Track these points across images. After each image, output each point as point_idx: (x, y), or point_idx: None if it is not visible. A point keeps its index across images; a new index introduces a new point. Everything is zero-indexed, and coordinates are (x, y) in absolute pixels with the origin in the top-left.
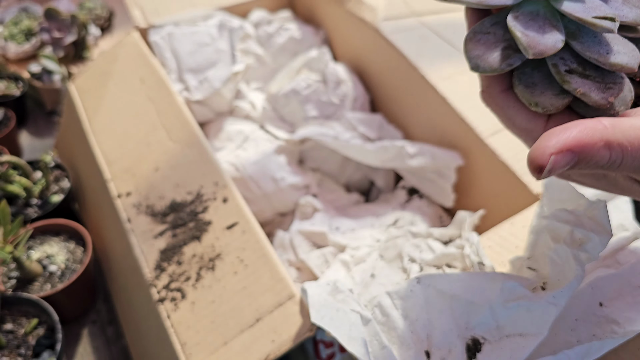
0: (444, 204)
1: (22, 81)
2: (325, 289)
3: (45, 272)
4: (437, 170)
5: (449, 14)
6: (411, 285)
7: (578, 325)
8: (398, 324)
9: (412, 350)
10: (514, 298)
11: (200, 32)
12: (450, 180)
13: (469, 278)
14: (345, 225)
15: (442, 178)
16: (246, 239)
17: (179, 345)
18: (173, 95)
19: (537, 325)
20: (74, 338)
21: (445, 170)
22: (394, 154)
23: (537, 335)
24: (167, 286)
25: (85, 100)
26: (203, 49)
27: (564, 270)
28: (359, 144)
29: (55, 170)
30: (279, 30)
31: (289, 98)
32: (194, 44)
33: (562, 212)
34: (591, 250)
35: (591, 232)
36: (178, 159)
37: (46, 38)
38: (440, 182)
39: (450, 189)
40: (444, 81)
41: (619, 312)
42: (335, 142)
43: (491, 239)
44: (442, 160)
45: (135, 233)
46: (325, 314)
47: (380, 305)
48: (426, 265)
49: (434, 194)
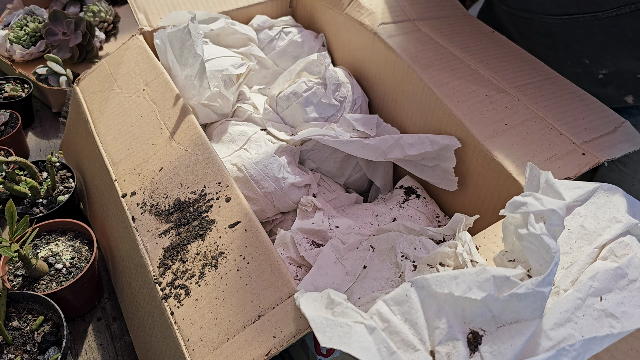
0: (448, 188)
1: (28, 83)
2: (320, 303)
3: (51, 270)
4: (437, 156)
5: (445, 18)
6: (405, 290)
7: (579, 319)
8: (400, 328)
9: (419, 352)
10: (505, 289)
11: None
12: (451, 163)
13: (461, 275)
14: (344, 224)
15: (443, 162)
16: (248, 237)
17: (183, 341)
18: (177, 97)
19: (531, 311)
20: (79, 335)
21: (445, 154)
22: (393, 145)
23: (533, 320)
24: (171, 283)
25: (90, 101)
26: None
27: (540, 254)
28: (359, 140)
29: (61, 170)
30: (280, 34)
31: (289, 100)
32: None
33: (514, 202)
34: (555, 221)
35: (547, 207)
36: (182, 159)
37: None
38: (442, 167)
39: (453, 172)
40: (441, 84)
41: (617, 307)
42: (335, 141)
43: (487, 238)
44: (440, 145)
45: (140, 232)
46: (332, 334)
47: (379, 313)
48: (420, 263)
49: (437, 180)
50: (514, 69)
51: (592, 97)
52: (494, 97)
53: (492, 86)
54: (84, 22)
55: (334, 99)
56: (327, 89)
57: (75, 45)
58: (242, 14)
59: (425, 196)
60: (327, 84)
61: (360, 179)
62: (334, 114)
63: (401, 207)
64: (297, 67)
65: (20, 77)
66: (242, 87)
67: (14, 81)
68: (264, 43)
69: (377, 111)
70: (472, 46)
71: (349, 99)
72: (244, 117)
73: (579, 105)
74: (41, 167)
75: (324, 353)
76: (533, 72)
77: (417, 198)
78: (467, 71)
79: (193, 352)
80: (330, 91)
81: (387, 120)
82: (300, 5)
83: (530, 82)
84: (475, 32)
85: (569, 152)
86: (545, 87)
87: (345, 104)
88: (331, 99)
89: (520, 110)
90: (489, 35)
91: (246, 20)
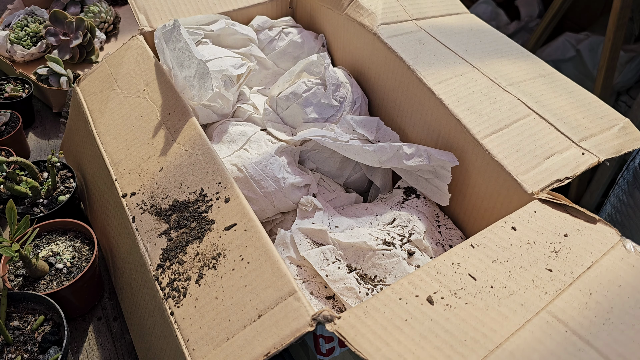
0: (440, 203)
1: (29, 83)
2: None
3: (52, 270)
4: (433, 170)
5: (445, 17)
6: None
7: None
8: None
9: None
10: None
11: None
12: (446, 180)
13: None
14: (344, 224)
15: (438, 178)
16: (248, 237)
17: (183, 341)
18: (177, 98)
19: None
20: (79, 334)
21: (441, 170)
22: (391, 155)
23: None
24: (171, 283)
25: (91, 102)
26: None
27: None
28: (358, 145)
29: (61, 170)
30: (280, 35)
31: (289, 101)
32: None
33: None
34: None
35: None
36: (182, 159)
37: (52, 41)
38: (436, 182)
39: (446, 188)
40: (440, 84)
41: None
42: (334, 143)
43: (486, 237)
44: (438, 161)
45: (140, 232)
46: None
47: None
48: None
49: (431, 193)
50: (513, 68)
51: (592, 96)
52: (493, 97)
53: (491, 86)
54: (84, 23)
55: (334, 100)
56: (326, 89)
57: (75, 45)
58: (242, 14)
59: (424, 196)
60: (327, 84)
61: (360, 179)
62: (333, 114)
63: (401, 207)
64: (297, 67)
65: (21, 78)
66: (242, 88)
67: (15, 81)
68: (264, 43)
69: (376, 111)
70: (472, 45)
71: (349, 99)
72: (244, 118)
73: (579, 103)
74: (42, 167)
75: (324, 353)
76: (533, 71)
77: (417, 198)
78: (467, 70)
79: (193, 352)
80: (330, 91)
81: (386, 120)
82: (300, 5)
83: (530, 81)
84: (476, 32)
85: (568, 152)
86: (545, 85)
87: (345, 104)
88: (331, 99)
89: (520, 109)
90: (489, 34)
91: (246, 20)
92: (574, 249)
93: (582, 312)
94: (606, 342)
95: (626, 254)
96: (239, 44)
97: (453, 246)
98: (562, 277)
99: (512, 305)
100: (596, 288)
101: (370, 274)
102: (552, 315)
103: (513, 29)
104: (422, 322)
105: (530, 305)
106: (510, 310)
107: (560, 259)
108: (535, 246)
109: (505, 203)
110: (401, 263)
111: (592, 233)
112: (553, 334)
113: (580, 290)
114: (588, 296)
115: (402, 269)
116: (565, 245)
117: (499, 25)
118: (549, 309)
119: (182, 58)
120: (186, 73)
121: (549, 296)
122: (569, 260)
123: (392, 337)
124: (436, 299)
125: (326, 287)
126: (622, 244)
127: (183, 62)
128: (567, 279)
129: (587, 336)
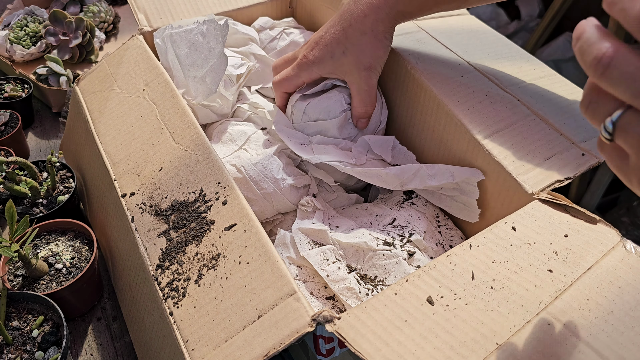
0: (469, 220)
1: (28, 83)
2: None
3: (51, 270)
4: (457, 187)
5: (447, 18)
6: None
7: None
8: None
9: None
10: None
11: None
12: (474, 196)
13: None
14: (344, 225)
15: (464, 194)
16: (247, 238)
17: (182, 341)
18: (177, 98)
19: None
20: (79, 334)
21: (467, 186)
22: (413, 176)
23: None
24: (171, 284)
25: (90, 102)
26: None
27: None
28: (377, 169)
29: (61, 170)
30: (281, 34)
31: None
32: (192, 45)
33: None
34: None
35: None
36: (182, 159)
37: (52, 41)
38: (462, 199)
39: (475, 204)
40: (441, 83)
41: None
42: (354, 169)
43: (487, 238)
44: (462, 177)
45: (140, 232)
46: None
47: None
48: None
49: (457, 211)
50: (514, 68)
51: None
52: (494, 97)
53: (492, 86)
54: (84, 23)
55: None
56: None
57: (75, 45)
58: (242, 14)
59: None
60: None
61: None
62: (357, 134)
63: (401, 207)
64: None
65: (21, 77)
66: (242, 88)
67: (14, 81)
68: (265, 43)
69: None
70: (472, 46)
71: (374, 120)
72: (243, 118)
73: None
74: (41, 167)
75: (324, 353)
76: (533, 72)
77: (417, 198)
78: (467, 71)
79: (192, 352)
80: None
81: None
82: (300, 5)
83: (530, 81)
84: (476, 32)
85: (568, 152)
86: (545, 86)
87: (370, 124)
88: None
89: (520, 109)
90: (490, 34)
91: (246, 20)
92: (574, 250)
93: (582, 313)
94: (606, 344)
95: (626, 255)
96: (240, 44)
97: (453, 246)
98: (563, 277)
99: (512, 305)
100: (596, 289)
101: (370, 274)
102: (552, 316)
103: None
104: (422, 323)
105: (530, 306)
106: (510, 311)
107: (560, 260)
108: (535, 246)
109: (505, 203)
110: (401, 263)
111: (593, 233)
112: (553, 335)
113: (581, 291)
114: (588, 297)
115: (402, 269)
116: (565, 245)
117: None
118: (549, 309)
119: (194, 57)
120: (194, 73)
121: (549, 297)
122: (569, 261)
123: (392, 338)
124: (436, 299)
125: (326, 288)
126: (623, 244)
127: (194, 62)
128: (567, 280)
129: (587, 337)
